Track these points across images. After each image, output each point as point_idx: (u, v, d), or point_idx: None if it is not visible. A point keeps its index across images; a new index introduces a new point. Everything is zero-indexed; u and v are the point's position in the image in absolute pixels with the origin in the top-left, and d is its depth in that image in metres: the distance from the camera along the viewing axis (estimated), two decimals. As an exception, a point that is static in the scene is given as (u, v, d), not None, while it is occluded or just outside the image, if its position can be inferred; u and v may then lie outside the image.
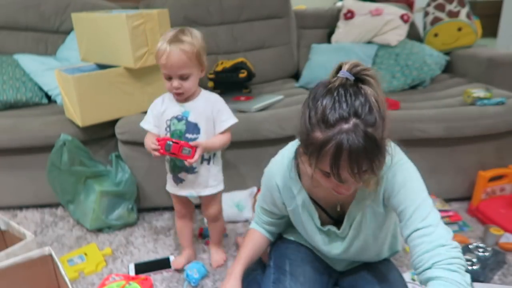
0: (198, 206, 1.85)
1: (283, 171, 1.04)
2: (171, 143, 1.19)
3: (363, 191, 0.96)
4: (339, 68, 0.82)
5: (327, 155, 0.77)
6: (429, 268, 0.82)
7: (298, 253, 1.17)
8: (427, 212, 0.87)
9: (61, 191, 1.69)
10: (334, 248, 1.08)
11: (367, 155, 0.76)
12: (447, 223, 1.60)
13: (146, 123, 1.33)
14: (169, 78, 1.21)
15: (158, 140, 1.21)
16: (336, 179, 0.80)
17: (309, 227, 1.07)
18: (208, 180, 1.35)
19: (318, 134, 0.78)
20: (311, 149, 0.80)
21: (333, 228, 1.05)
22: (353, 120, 0.76)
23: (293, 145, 1.04)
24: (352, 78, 0.79)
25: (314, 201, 1.04)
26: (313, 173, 0.84)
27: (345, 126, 0.76)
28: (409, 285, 1.29)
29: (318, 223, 1.05)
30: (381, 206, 0.97)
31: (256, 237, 1.20)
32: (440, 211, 1.60)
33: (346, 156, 0.76)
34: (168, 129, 1.29)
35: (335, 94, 0.78)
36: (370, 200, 0.96)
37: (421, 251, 0.84)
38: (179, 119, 1.27)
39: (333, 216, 1.06)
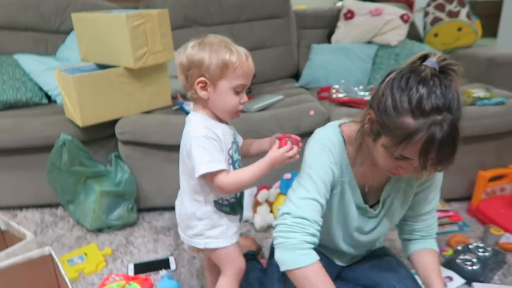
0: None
1: (335, 149, 0.99)
2: (289, 139, 0.98)
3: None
4: (424, 57, 0.85)
5: (417, 142, 0.79)
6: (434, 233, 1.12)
7: None
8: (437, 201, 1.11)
9: (61, 191, 1.69)
10: (366, 226, 1.09)
11: (454, 149, 0.80)
12: (447, 223, 1.61)
13: (222, 163, 0.94)
14: (239, 92, 0.97)
15: (284, 140, 0.98)
16: (421, 166, 0.82)
17: (350, 205, 1.04)
18: None
19: (410, 121, 0.79)
20: (398, 133, 0.81)
21: (369, 208, 1.06)
22: (445, 113, 0.78)
23: (332, 126, 1.03)
24: (437, 69, 0.82)
25: None
26: (385, 154, 0.87)
27: (439, 117, 0.78)
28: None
29: (361, 199, 1.04)
30: (414, 188, 1.05)
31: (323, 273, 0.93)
32: (440, 211, 1.62)
33: (436, 146, 0.78)
34: (230, 161, 1.00)
35: (431, 83, 0.79)
36: (405, 181, 1.04)
37: (432, 222, 1.11)
38: (234, 142, 1.03)
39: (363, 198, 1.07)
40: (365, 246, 1.18)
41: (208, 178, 0.95)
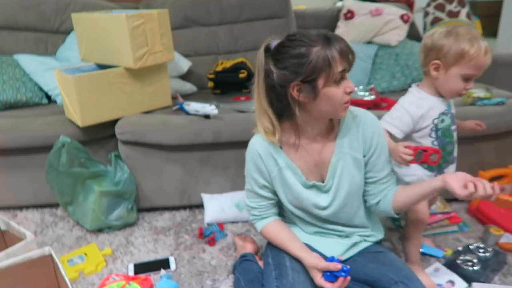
0: (198, 206, 1.85)
1: (261, 141, 1.14)
2: (421, 151, 1.17)
3: (340, 143, 1.12)
4: (267, 45, 1.12)
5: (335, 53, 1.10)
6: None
7: None
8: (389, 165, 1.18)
9: (58, 192, 1.68)
10: (321, 201, 1.15)
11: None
12: (447, 225, 1.61)
13: (392, 127, 1.24)
14: (468, 79, 1.18)
15: (413, 149, 1.17)
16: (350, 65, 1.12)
17: (296, 186, 1.14)
18: None
19: (320, 51, 1.08)
20: (325, 67, 1.05)
21: (317, 183, 1.14)
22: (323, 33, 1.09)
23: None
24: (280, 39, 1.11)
25: None
26: (336, 89, 1.06)
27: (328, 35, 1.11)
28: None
29: (303, 178, 1.13)
30: (361, 153, 1.12)
31: (282, 225, 1.22)
32: (441, 213, 1.62)
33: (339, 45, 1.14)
34: (434, 128, 1.25)
35: (302, 37, 1.09)
36: (348, 148, 1.12)
37: (392, 187, 1.17)
38: (446, 113, 1.26)
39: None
40: (338, 220, 1.20)
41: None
